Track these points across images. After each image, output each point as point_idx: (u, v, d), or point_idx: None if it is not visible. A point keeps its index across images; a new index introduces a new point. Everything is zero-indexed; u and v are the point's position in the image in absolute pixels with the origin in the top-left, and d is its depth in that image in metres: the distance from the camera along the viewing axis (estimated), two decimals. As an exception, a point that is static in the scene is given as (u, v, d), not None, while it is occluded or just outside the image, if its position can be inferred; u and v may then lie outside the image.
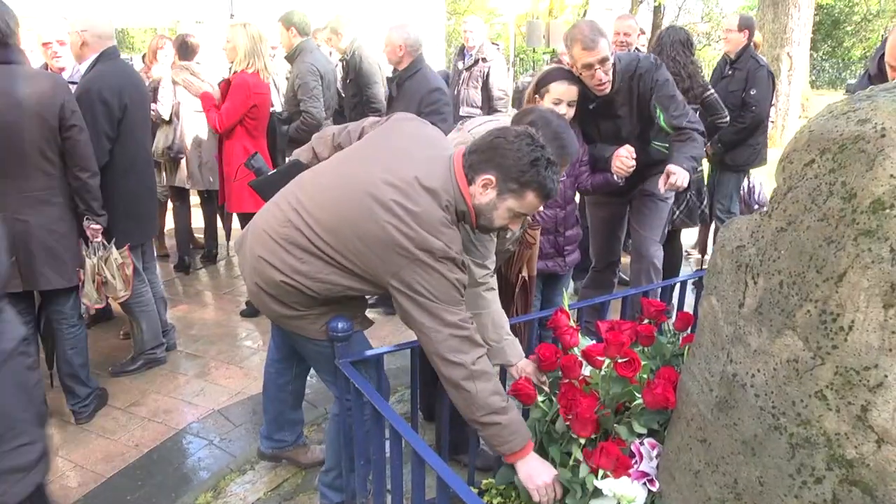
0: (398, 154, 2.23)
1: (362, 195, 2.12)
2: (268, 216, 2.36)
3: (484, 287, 2.50)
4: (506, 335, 2.49)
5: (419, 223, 2.06)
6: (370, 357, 2.43)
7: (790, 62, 11.14)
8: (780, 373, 1.66)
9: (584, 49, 3.15)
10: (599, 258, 4.00)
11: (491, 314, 2.49)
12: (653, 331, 2.34)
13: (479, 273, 2.48)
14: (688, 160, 3.10)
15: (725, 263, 1.83)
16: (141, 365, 4.09)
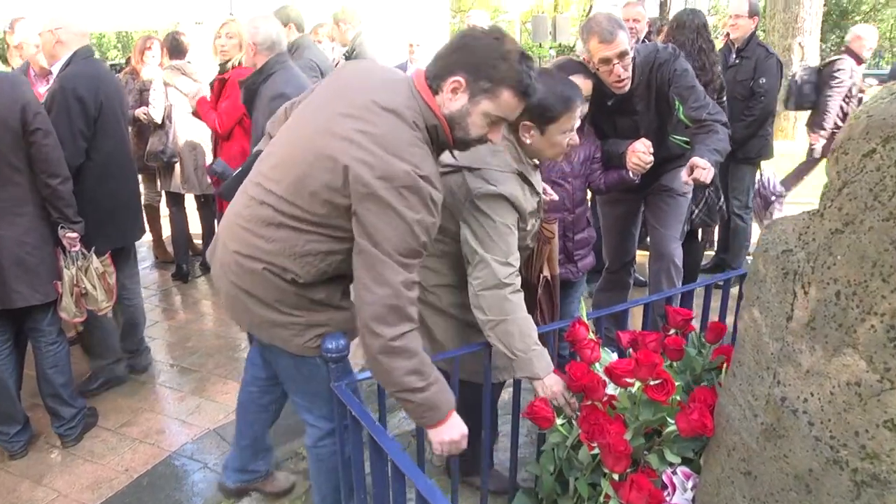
0: (350, 88, 2.00)
1: (321, 137, 1.89)
2: (233, 207, 2.15)
3: (510, 289, 2.26)
4: (534, 345, 2.24)
5: (382, 145, 1.81)
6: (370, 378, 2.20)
7: (802, 52, 10.85)
8: (838, 398, 1.44)
9: (601, 42, 2.91)
10: (613, 258, 3.77)
11: (517, 321, 2.24)
12: (682, 344, 2.12)
13: (502, 272, 2.23)
14: (712, 153, 2.85)
15: (769, 270, 1.60)
16: (101, 384, 3.86)
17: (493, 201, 2.24)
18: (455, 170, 2.31)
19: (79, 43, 3.44)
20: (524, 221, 2.36)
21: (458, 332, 2.52)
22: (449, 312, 2.50)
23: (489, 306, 2.24)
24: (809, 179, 6.69)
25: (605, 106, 3.12)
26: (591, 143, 3.12)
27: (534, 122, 2.31)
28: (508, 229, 2.27)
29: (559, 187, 2.99)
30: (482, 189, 2.25)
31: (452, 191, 2.31)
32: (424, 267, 2.41)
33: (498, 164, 2.30)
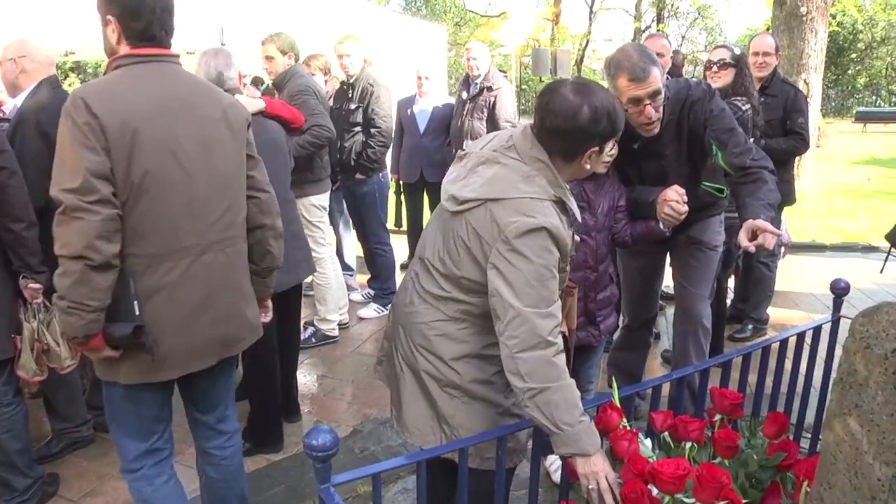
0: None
1: None
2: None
3: (554, 349, 1.88)
4: (581, 416, 1.87)
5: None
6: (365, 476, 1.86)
7: (807, 89, 10.64)
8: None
9: (631, 80, 2.57)
10: (634, 315, 3.43)
11: (563, 388, 1.87)
12: (736, 440, 1.79)
13: (544, 327, 1.86)
14: (766, 209, 2.48)
15: (874, 373, 1.28)
16: (64, 447, 3.49)
17: (531, 238, 1.86)
18: (478, 203, 1.94)
19: (44, 73, 3.13)
20: (564, 261, 2.00)
21: (480, 415, 2.12)
22: (471, 391, 2.10)
23: (530, 371, 1.85)
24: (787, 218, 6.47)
25: (631, 149, 2.78)
26: (616, 191, 2.81)
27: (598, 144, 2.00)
28: (550, 273, 1.89)
29: (581, 243, 2.67)
30: (518, 223, 1.86)
31: (475, 231, 1.93)
32: (441, 335, 2.08)
33: (533, 191, 1.93)
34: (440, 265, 2.05)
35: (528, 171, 1.94)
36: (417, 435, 2.17)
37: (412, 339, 2.14)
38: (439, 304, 2.08)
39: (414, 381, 2.16)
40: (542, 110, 1.96)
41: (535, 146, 1.97)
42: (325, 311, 5.00)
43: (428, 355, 2.10)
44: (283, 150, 3.60)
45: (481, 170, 1.99)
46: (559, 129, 1.92)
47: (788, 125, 4.52)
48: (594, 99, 1.91)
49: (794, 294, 6.12)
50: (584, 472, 1.84)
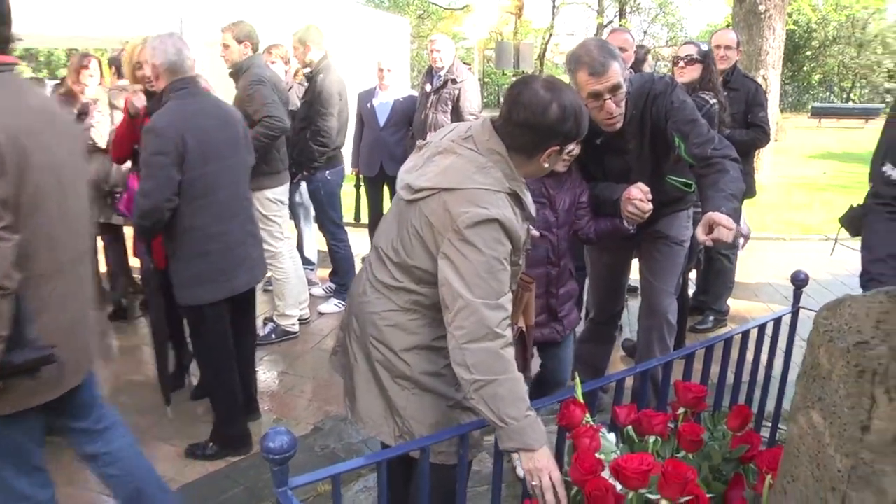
0: None
1: None
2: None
3: (502, 342, 1.86)
4: (527, 410, 1.85)
5: None
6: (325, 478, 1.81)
7: (766, 85, 10.80)
8: (937, 538, 1.11)
9: (591, 74, 2.55)
10: (600, 310, 3.42)
11: (509, 381, 1.85)
12: (700, 433, 1.78)
13: (493, 318, 1.84)
14: (728, 200, 2.45)
15: (836, 366, 1.26)
16: None
17: (483, 229, 1.84)
18: (432, 193, 1.92)
19: None
20: (517, 253, 1.98)
21: (431, 407, 2.11)
22: (421, 383, 2.09)
23: (476, 363, 1.82)
24: (747, 211, 6.56)
25: (593, 144, 2.75)
26: (578, 187, 2.78)
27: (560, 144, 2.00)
28: (501, 265, 1.87)
29: (542, 238, 2.65)
30: (470, 213, 1.84)
31: (428, 221, 1.91)
32: (392, 326, 2.06)
33: (488, 182, 1.90)
34: (393, 254, 2.04)
35: (483, 163, 1.92)
36: (371, 425, 2.17)
37: (365, 329, 2.13)
38: (391, 294, 2.06)
39: (367, 371, 2.15)
40: (512, 102, 1.94)
41: (493, 138, 1.95)
42: (285, 307, 4.92)
43: (379, 346, 2.09)
44: (240, 147, 3.45)
45: (437, 159, 1.97)
46: (526, 122, 1.91)
47: (750, 118, 4.58)
48: (564, 98, 1.91)
49: (754, 285, 6.20)
50: (529, 468, 1.83)
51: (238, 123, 3.47)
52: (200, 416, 3.86)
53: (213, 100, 3.46)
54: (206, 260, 3.27)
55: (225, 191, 3.29)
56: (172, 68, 3.23)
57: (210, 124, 3.24)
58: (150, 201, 3.08)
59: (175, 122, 3.11)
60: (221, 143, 3.27)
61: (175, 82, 3.24)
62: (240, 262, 3.40)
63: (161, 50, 3.23)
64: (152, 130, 3.09)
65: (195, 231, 3.22)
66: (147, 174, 3.11)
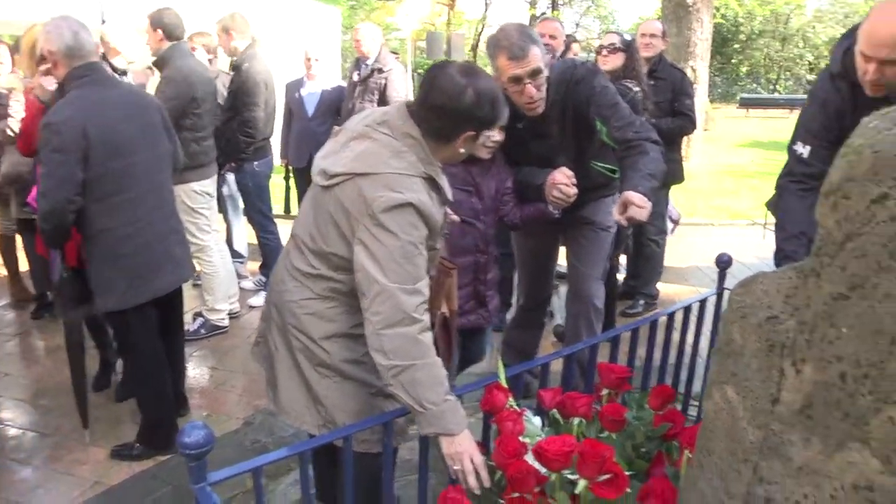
0: None
1: None
2: None
3: (419, 326, 1.86)
4: (446, 395, 1.85)
5: None
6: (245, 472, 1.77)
7: (694, 76, 11.06)
8: (842, 503, 1.13)
9: (510, 59, 2.54)
10: (529, 296, 3.43)
11: (427, 366, 1.85)
12: (623, 413, 1.79)
13: (409, 303, 1.83)
14: (646, 179, 2.49)
15: (749, 341, 1.28)
16: None
17: (398, 213, 1.84)
18: (347, 178, 1.91)
19: None
20: (433, 238, 1.98)
21: (353, 396, 2.10)
22: (342, 371, 2.08)
23: (394, 349, 1.82)
24: (677, 197, 6.72)
25: (516, 130, 2.75)
26: (503, 173, 2.77)
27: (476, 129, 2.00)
28: (417, 249, 1.87)
29: (470, 226, 2.64)
30: (385, 198, 1.83)
31: (343, 206, 1.90)
32: (310, 314, 2.04)
33: (403, 166, 1.90)
34: (310, 241, 2.02)
35: (398, 147, 1.91)
36: (294, 416, 2.16)
37: (284, 318, 2.11)
38: (308, 282, 2.05)
39: (288, 360, 2.13)
40: (427, 86, 1.95)
41: (407, 122, 1.94)
42: (214, 301, 4.81)
43: (299, 334, 2.08)
44: (156, 137, 3.23)
45: (353, 145, 1.96)
46: (441, 106, 1.91)
47: (676, 107, 4.66)
48: (480, 83, 1.91)
49: (684, 269, 6.32)
50: (450, 453, 1.83)
51: (153, 111, 3.24)
52: (126, 416, 3.74)
53: (122, 87, 3.25)
54: (122, 263, 3.05)
55: (139, 186, 3.06)
56: (70, 53, 2.96)
57: (117, 115, 2.99)
58: (49, 202, 2.84)
59: (75, 115, 2.86)
60: (132, 134, 3.04)
61: (75, 70, 2.97)
62: (161, 262, 3.18)
63: (56, 34, 2.96)
64: (49, 126, 2.83)
65: (108, 232, 3.00)
66: (46, 173, 2.86)
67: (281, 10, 10.44)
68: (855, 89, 2.43)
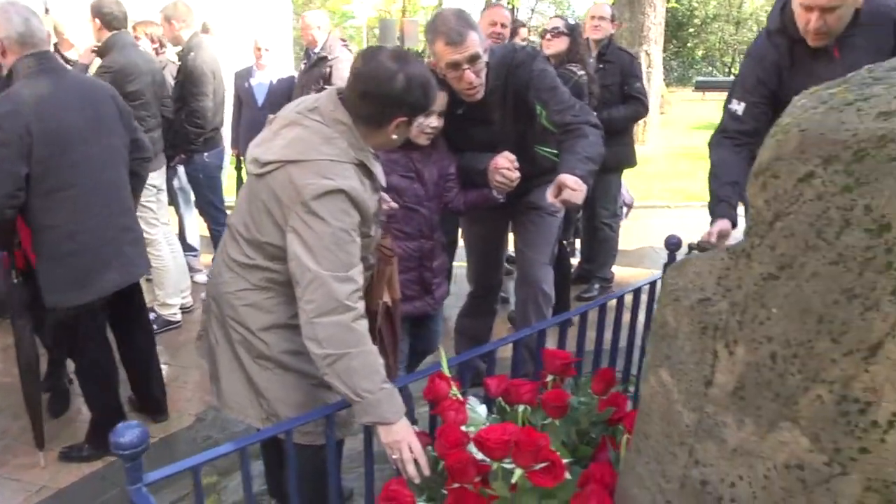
0: None
1: None
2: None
3: (352, 314, 1.84)
4: (382, 383, 1.83)
5: None
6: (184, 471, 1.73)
7: (648, 60, 11.14)
8: (775, 483, 1.13)
9: (448, 44, 2.51)
10: (479, 282, 3.40)
11: (362, 354, 1.83)
12: (565, 399, 1.78)
13: (342, 291, 1.81)
14: (583, 162, 2.47)
15: (682, 323, 1.28)
16: None
17: (329, 200, 1.82)
18: (279, 166, 1.88)
19: None
20: (367, 225, 1.96)
21: (295, 387, 2.08)
22: (282, 362, 2.05)
23: (327, 337, 1.81)
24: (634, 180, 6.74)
25: (456, 116, 2.71)
26: (445, 159, 2.73)
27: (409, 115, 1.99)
28: (349, 236, 1.86)
29: (414, 213, 2.61)
30: (316, 185, 1.82)
31: (275, 194, 1.88)
32: (248, 305, 2.02)
33: (334, 153, 1.88)
34: (244, 231, 2.00)
35: (329, 134, 1.90)
36: (237, 410, 2.14)
37: (222, 309, 2.09)
38: (245, 273, 2.03)
39: (228, 353, 2.11)
40: (357, 72, 1.93)
41: (338, 108, 1.93)
42: (165, 296, 4.72)
43: (237, 326, 2.06)
44: (109, 128, 3.10)
45: (284, 132, 1.93)
46: (371, 92, 1.90)
47: (626, 90, 4.66)
48: (410, 68, 1.90)
49: (639, 251, 6.37)
50: (387, 442, 1.82)
51: (107, 101, 3.11)
52: (75, 417, 3.66)
53: (73, 76, 3.11)
54: (69, 260, 2.94)
55: (88, 181, 2.94)
56: (21, 40, 2.83)
57: (67, 107, 2.88)
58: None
59: (19, 108, 2.73)
60: (82, 126, 2.92)
61: (26, 58, 2.84)
62: (108, 260, 3.06)
63: (4, 20, 2.83)
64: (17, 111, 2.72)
65: (54, 229, 2.90)
66: None
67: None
68: (793, 45, 2.52)
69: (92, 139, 2.97)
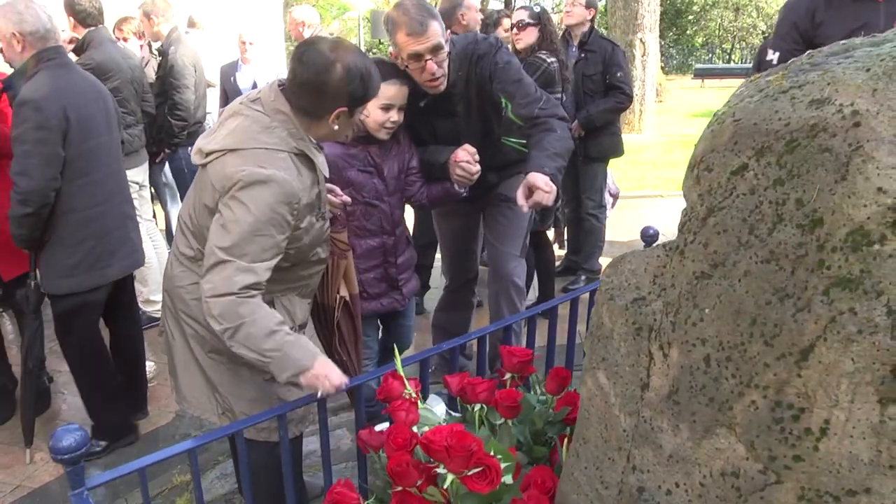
0: None
1: None
2: None
3: (244, 297, 1.84)
4: (285, 336, 1.85)
5: None
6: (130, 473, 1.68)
7: (643, 48, 11.07)
8: (711, 490, 1.09)
9: (409, 35, 2.43)
10: (453, 276, 3.33)
11: (257, 320, 1.83)
12: (518, 399, 1.72)
13: (239, 280, 1.81)
14: (551, 159, 2.41)
15: (617, 324, 1.22)
16: None
17: (257, 189, 1.79)
18: (220, 155, 1.87)
19: None
20: (300, 217, 1.92)
21: (248, 382, 2.07)
22: (232, 356, 2.00)
23: (221, 313, 1.81)
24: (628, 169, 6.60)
25: (419, 108, 2.65)
26: (406, 153, 2.66)
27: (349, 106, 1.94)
28: (268, 230, 1.82)
29: (373, 208, 2.55)
30: (246, 172, 1.79)
31: (212, 183, 1.87)
32: (198, 299, 1.98)
33: (272, 142, 1.86)
34: (190, 222, 2.00)
35: (268, 123, 1.88)
36: (195, 404, 2.13)
37: (175, 304, 2.08)
38: (193, 266, 2.02)
39: (184, 347, 2.10)
40: (295, 62, 1.90)
41: (278, 98, 1.91)
42: (149, 293, 4.67)
43: (190, 320, 2.05)
44: (112, 123, 3.13)
45: (227, 123, 1.93)
46: (308, 82, 1.87)
47: (608, 80, 4.57)
48: (349, 58, 1.87)
49: (628, 243, 6.29)
50: (307, 384, 1.84)
51: (108, 96, 3.17)
52: (56, 415, 3.62)
53: (81, 71, 3.14)
54: (83, 246, 2.97)
55: (103, 169, 3.01)
56: (46, 35, 2.87)
57: (85, 97, 2.94)
58: (34, 182, 2.72)
59: (55, 93, 2.78)
60: (99, 117, 3.00)
61: (44, 52, 2.87)
62: (117, 246, 3.11)
63: (32, 16, 2.86)
64: (29, 102, 2.72)
65: (73, 214, 2.91)
66: (26, 151, 2.73)
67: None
68: None
69: (104, 130, 3.04)
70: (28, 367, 3.16)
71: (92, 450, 3.24)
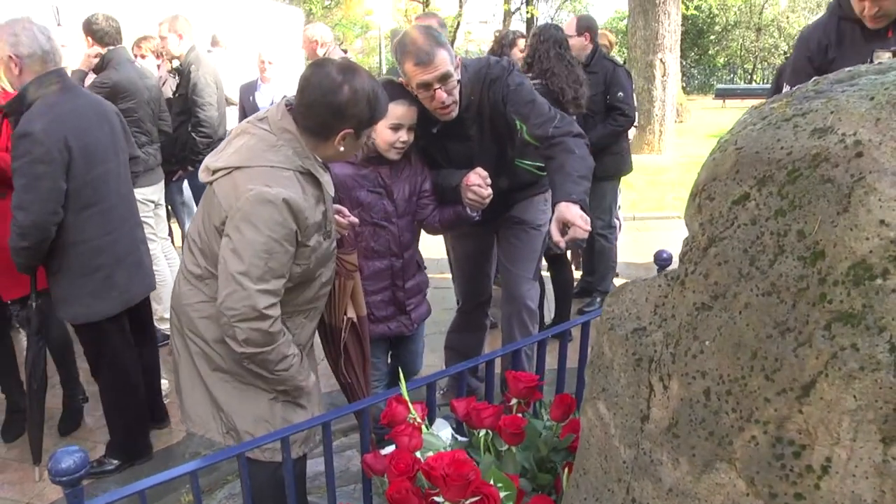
0: None
1: None
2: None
3: (270, 322, 1.93)
4: (292, 360, 2.04)
5: None
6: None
7: (664, 68, 11.03)
8: (711, 528, 1.05)
9: (417, 65, 2.42)
10: (466, 299, 3.32)
11: (278, 347, 1.97)
12: (521, 425, 1.70)
13: (261, 301, 1.87)
14: (577, 184, 2.34)
15: (617, 354, 1.20)
16: None
17: (265, 208, 1.82)
18: (227, 172, 1.90)
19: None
20: (307, 235, 1.93)
21: (252, 401, 2.08)
22: (238, 374, 2.06)
23: (246, 339, 1.89)
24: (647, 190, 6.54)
25: (431, 133, 2.65)
26: (419, 175, 2.66)
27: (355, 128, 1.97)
28: (281, 247, 1.85)
29: (382, 230, 2.55)
30: (255, 192, 1.82)
31: (219, 201, 1.90)
32: (204, 318, 2.03)
33: (278, 160, 1.88)
34: (198, 239, 2.02)
35: (274, 141, 1.90)
36: (199, 424, 2.14)
37: (181, 322, 2.10)
38: (199, 285, 2.04)
39: (189, 365, 2.12)
40: (303, 83, 1.93)
41: (285, 118, 1.93)
42: (163, 310, 4.68)
43: (195, 338, 2.07)
44: (119, 145, 3.08)
45: (235, 141, 1.95)
46: (315, 103, 1.89)
47: (609, 100, 4.54)
48: (356, 81, 1.90)
49: (645, 264, 6.24)
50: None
51: (114, 117, 3.10)
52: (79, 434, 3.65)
53: (85, 94, 3.09)
54: (97, 275, 2.93)
55: (112, 196, 2.96)
56: (45, 58, 2.79)
57: (89, 123, 2.87)
58: (31, 216, 2.68)
59: (55, 124, 2.71)
60: (104, 142, 2.93)
61: (45, 76, 2.78)
62: (133, 271, 3.09)
63: (29, 38, 2.77)
64: (28, 135, 2.65)
65: (83, 245, 2.87)
66: (25, 185, 2.67)
67: (240, 12, 10.26)
68: (840, 23, 2.57)
69: (111, 155, 2.99)
70: (32, 388, 3.14)
71: (105, 468, 3.26)
